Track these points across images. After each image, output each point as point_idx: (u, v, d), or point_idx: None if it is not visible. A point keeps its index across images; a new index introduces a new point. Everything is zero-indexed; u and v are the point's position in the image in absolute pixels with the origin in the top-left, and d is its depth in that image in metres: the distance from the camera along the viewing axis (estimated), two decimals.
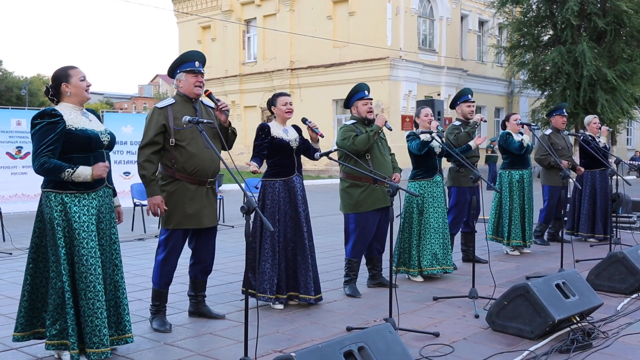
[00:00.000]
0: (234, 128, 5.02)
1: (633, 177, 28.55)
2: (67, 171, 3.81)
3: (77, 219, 3.86)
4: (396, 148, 6.64)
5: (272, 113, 5.55)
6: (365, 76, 25.44)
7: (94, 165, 3.91)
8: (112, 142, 4.15)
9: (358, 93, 6.03)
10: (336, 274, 6.85)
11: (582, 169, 8.92)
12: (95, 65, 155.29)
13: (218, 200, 11.59)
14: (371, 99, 6.07)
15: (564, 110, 9.14)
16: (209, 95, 4.90)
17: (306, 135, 5.66)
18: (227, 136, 4.91)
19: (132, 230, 10.47)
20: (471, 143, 7.61)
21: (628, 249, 6.22)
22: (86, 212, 3.90)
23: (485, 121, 7.53)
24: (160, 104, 4.84)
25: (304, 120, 5.49)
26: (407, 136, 6.62)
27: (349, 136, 5.85)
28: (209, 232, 5.01)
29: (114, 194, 4.32)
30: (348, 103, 6.12)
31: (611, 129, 12.21)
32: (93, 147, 3.96)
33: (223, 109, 4.85)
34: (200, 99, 4.99)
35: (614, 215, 8.87)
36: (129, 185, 11.69)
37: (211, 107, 5.02)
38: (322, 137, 5.46)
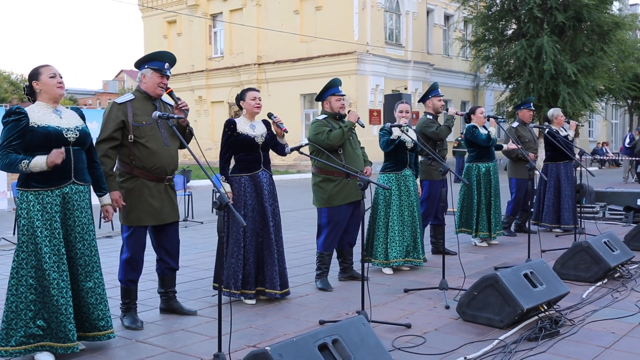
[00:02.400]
0: (191, 128, 5.00)
1: (595, 168, 29.14)
2: (24, 162, 3.84)
3: (40, 217, 3.90)
4: (364, 142, 6.67)
5: (241, 108, 5.54)
6: (333, 70, 25.46)
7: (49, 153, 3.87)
8: (82, 138, 4.10)
9: (332, 88, 6.05)
10: (307, 268, 6.86)
11: (534, 154, 9.02)
12: (58, 60, 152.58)
13: (186, 197, 11.57)
14: (344, 96, 6.12)
15: (531, 104, 9.30)
16: (170, 93, 4.87)
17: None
18: (183, 136, 4.88)
19: (100, 227, 10.35)
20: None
21: (592, 238, 6.35)
22: (49, 210, 3.92)
23: (461, 114, 7.60)
24: (119, 100, 4.82)
25: (270, 115, 5.50)
26: (380, 130, 6.66)
27: (323, 131, 5.87)
28: (171, 228, 5.00)
29: (100, 190, 4.35)
30: (321, 97, 6.13)
31: (580, 124, 12.41)
32: (53, 144, 3.93)
33: (183, 107, 4.83)
34: (163, 98, 4.97)
35: (578, 205, 9.05)
36: None
37: (170, 105, 5.00)
38: (287, 132, 5.46)
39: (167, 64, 4.84)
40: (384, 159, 6.73)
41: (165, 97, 4.98)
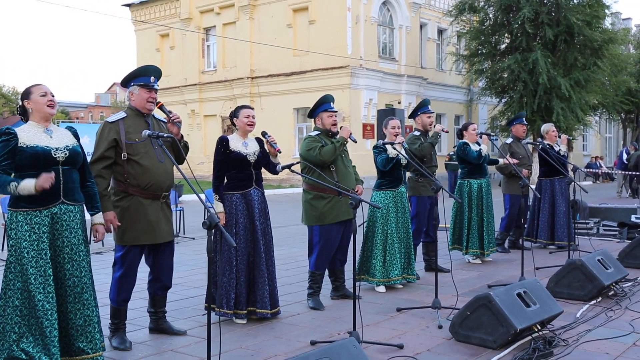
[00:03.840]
0: (186, 142, 4.99)
1: (589, 183, 29.22)
2: (13, 184, 3.81)
3: (27, 238, 3.88)
4: (358, 157, 6.68)
5: (234, 125, 5.52)
6: (326, 84, 25.53)
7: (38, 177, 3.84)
8: (72, 157, 4.08)
9: (324, 104, 6.05)
10: (299, 286, 6.83)
11: (527, 171, 9.04)
12: (50, 73, 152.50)
13: (178, 212, 11.52)
14: (336, 112, 6.12)
15: (524, 119, 9.31)
16: (161, 107, 4.86)
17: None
18: (178, 150, 4.86)
19: (90, 243, 10.27)
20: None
21: (586, 255, 6.34)
22: (37, 230, 3.90)
23: (447, 132, 7.61)
24: (111, 118, 4.82)
25: (264, 134, 5.49)
26: (374, 148, 6.66)
27: (315, 147, 5.87)
28: (166, 247, 4.97)
29: (93, 209, 4.32)
30: (313, 113, 6.13)
31: (571, 138, 12.36)
32: (42, 164, 3.92)
33: (175, 120, 4.82)
34: (155, 115, 4.97)
35: (573, 221, 9.04)
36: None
37: (163, 120, 4.98)
38: (280, 152, 5.43)
39: (152, 77, 4.84)
40: (378, 176, 6.72)
41: (157, 112, 4.98)
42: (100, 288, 6.80)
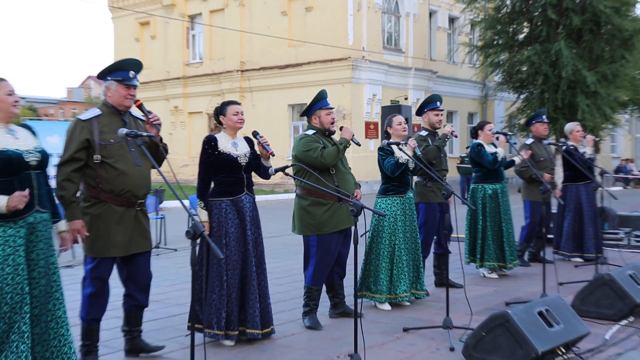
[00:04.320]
0: (165, 144, 4.96)
1: (619, 189, 29.21)
2: None
3: (2, 253, 3.81)
4: (360, 158, 6.67)
5: (221, 123, 5.49)
6: (325, 78, 25.54)
7: (10, 195, 3.79)
8: (44, 161, 4.06)
9: (321, 101, 6.06)
10: (294, 303, 6.80)
11: (559, 192, 9.03)
12: (16, 64, 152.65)
13: (159, 221, 11.48)
14: (332, 109, 6.13)
15: (544, 116, 9.27)
16: (140, 106, 4.83)
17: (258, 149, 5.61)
18: (157, 153, 4.84)
19: (58, 255, 10.23)
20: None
21: (616, 270, 6.32)
22: (12, 244, 3.84)
23: (456, 136, 7.56)
24: (84, 116, 4.80)
25: (255, 134, 5.46)
26: (379, 150, 6.63)
27: (315, 147, 5.85)
28: (142, 258, 4.95)
29: (57, 216, 4.27)
30: (308, 112, 6.11)
31: (598, 139, 12.37)
32: (16, 170, 3.88)
33: (154, 122, 4.80)
34: (132, 112, 4.97)
35: (600, 232, 9.01)
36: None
37: (140, 119, 4.97)
38: (273, 155, 5.40)
39: (132, 72, 4.82)
40: (383, 181, 6.71)
41: (136, 111, 4.95)
42: (69, 306, 6.78)
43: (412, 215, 6.66)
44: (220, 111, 5.50)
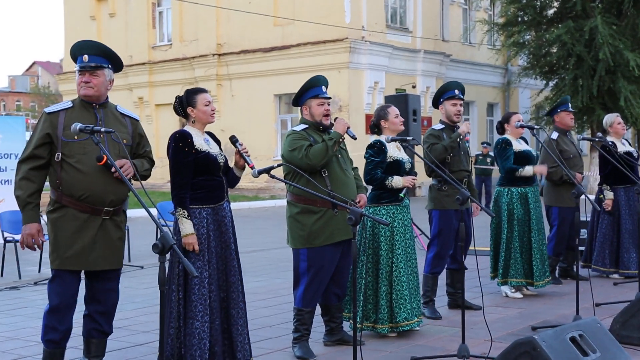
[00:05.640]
0: (148, 171, 5.13)
1: None
2: None
3: None
4: (360, 157, 6.67)
5: (187, 116, 5.45)
6: (317, 63, 25.49)
7: None
8: None
9: (313, 89, 6.04)
10: (282, 329, 6.83)
11: (581, 175, 8.99)
12: None
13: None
14: (329, 99, 6.12)
15: (569, 104, 9.23)
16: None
17: (226, 148, 5.62)
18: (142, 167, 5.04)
19: (2, 275, 10.26)
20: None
21: None
22: None
23: (467, 140, 7.57)
24: (51, 108, 4.96)
25: (234, 141, 5.42)
26: (369, 147, 6.62)
27: (301, 146, 5.86)
28: (106, 277, 5.00)
29: None
30: (298, 100, 6.14)
31: None
32: None
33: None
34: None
35: None
36: None
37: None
38: (253, 169, 5.22)
39: (85, 55, 4.94)
40: (375, 186, 6.70)
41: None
42: (15, 335, 6.81)
43: (409, 227, 6.70)
44: (187, 101, 5.40)
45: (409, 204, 6.72)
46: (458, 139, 7.26)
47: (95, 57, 4.94)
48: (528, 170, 8.01)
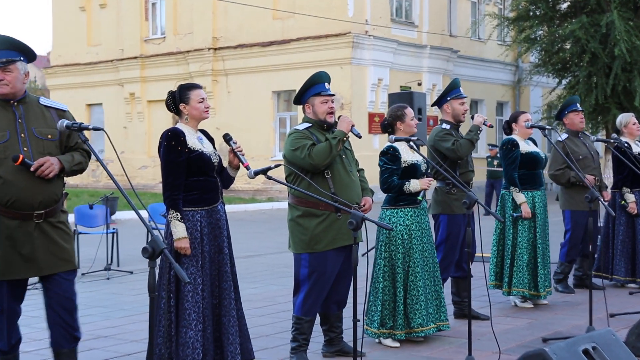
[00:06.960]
0: (83, 149, 5.05)
1: None
2: None
3: None
4: (363, 158, 6.67)
5: (180, 113, 5.45)
6: (319, 59, 25.51)
7: None
8: None
9: (316, 86, 6.04)
10: (279, 339, 6.83)
11: (609, 194, 9.01)
12: None
13: (110, 236, 11.43)
14: (333, 96, 6.12)
15: (578, 104, 9.21)
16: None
17: (220, 148, 5.60)
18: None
19: None
20: (414, 183, 7.68)
21: None
22: None
23: (491, 126, 7.58)
24: None
25: (228, 140, 5.42)
26: (382, 155, 6.62)
27: (303, 145, 5.86)
28: (60, 279, 4.97)
29: None
30: (300, 98, 6.13)
31: None
32: None
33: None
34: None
35: None
36: None
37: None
38: (248, 169, 5.22)
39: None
40: None
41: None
42: None
43: (428, 230, 6.71)
44: (180, 98, 5.42)
45: (427, 207, 6.74)
46: (478, 132, 7.27)
47: (4, 51, 4.84)
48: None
